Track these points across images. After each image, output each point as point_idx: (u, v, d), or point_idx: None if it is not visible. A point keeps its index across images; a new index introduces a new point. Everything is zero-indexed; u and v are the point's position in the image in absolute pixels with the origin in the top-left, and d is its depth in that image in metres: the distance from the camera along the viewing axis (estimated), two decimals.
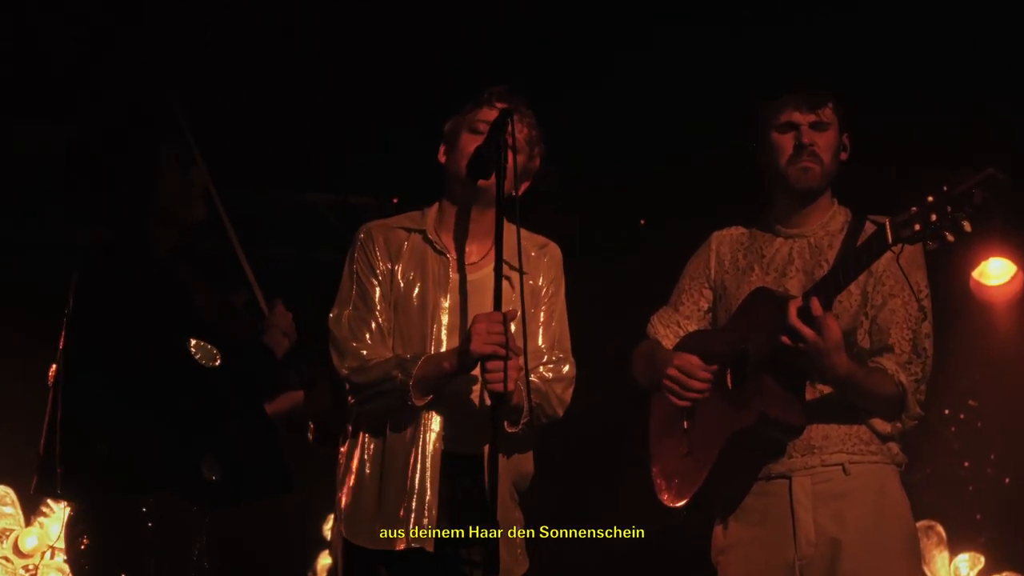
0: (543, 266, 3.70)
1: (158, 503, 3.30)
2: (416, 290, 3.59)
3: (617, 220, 6.59)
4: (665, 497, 3.73)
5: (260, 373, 3.55)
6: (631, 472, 4.22)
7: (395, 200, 6.46)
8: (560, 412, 3.62)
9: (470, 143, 3.54)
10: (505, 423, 3.45)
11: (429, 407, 3.50)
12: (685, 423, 3.71)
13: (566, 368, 3.65)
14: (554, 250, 3.75)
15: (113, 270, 3.45)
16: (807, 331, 3.33)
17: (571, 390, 3.65)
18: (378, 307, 3.58)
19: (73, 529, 3.34)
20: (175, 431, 3.33)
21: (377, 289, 3.60)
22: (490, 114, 3.55)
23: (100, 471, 3.30)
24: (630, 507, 4.00)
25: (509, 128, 3.41)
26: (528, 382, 3.39)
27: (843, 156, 3.72)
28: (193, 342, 3.37)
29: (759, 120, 3.72)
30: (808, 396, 3.53)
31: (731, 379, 3.61)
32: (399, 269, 3.61)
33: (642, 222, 6.64)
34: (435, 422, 3.51)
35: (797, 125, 3.65)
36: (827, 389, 3.55)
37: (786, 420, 3.47)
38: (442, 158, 3.70)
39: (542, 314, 3.67)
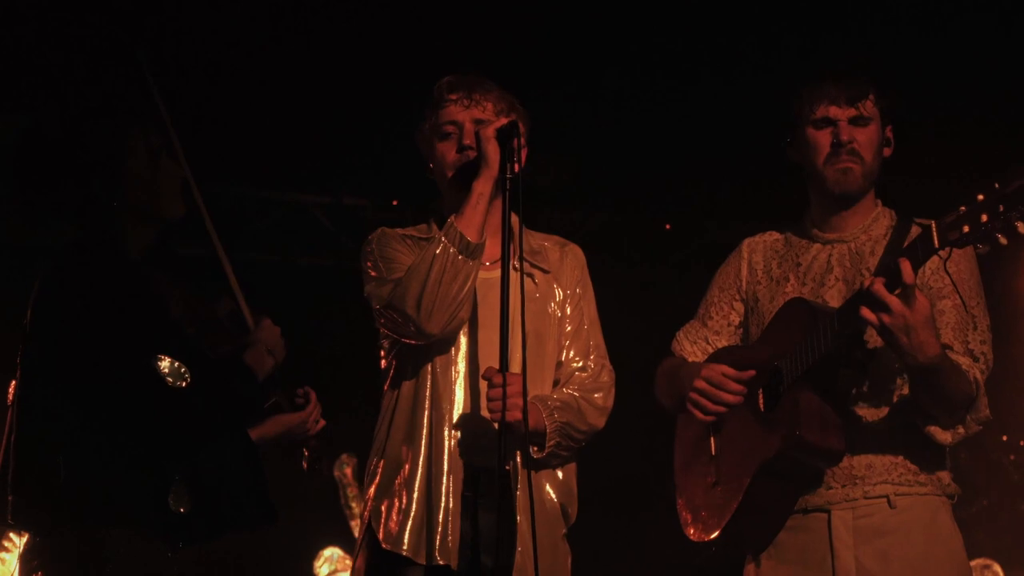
0: (567, 266, 3.83)
1: (121, 537, 3.24)
2: None
3: (642, 224, 6.60)
4: (692, 532, 3.72)
5: (238, 395, 3.48)
6: (654, 504, 4.23)
7: (395, 203, 6.48)
8: (600, 423, 3.74)
9: (447, 151, 3.70)
10: (532, 448, 3.60)
11: (455, 424, 3.60)
12: (713, 449, 3.70)
13: (604, 375, 3.78)
14: (576, 250, 3.88)
15: (78, 275, 3.38)
16: (894, 300, 3.22)
17: (612, 396, 3.77)
18: None
19: (27, 563, 3.28)
20: (141, 458, 3.27)
21: None
22: (449, 112, 3.70)
23: (56, 500, 3.24)
24: (653, 543, 4.00)
25: (515, 143, 3.51)
26: (525, 404, 3.46)
27: (887, 152, 3.69)
28: (164, 359, 3.32)
29: (793, 114, 3.70)
30: (849, 420, 3.49)
31: (763, 400, 3.59)
32: None
33: (667, 227, 6.65)
34: (459, 433, 3.61)
35: (835, 121, 3.62)
36: (871, 414, 3.52)
37: (823, 444, 3.44)
38: (430, 173, 3.82)
39: (569, 323, 3.78)
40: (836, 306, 3.51)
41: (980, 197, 3.09)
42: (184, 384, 3.30)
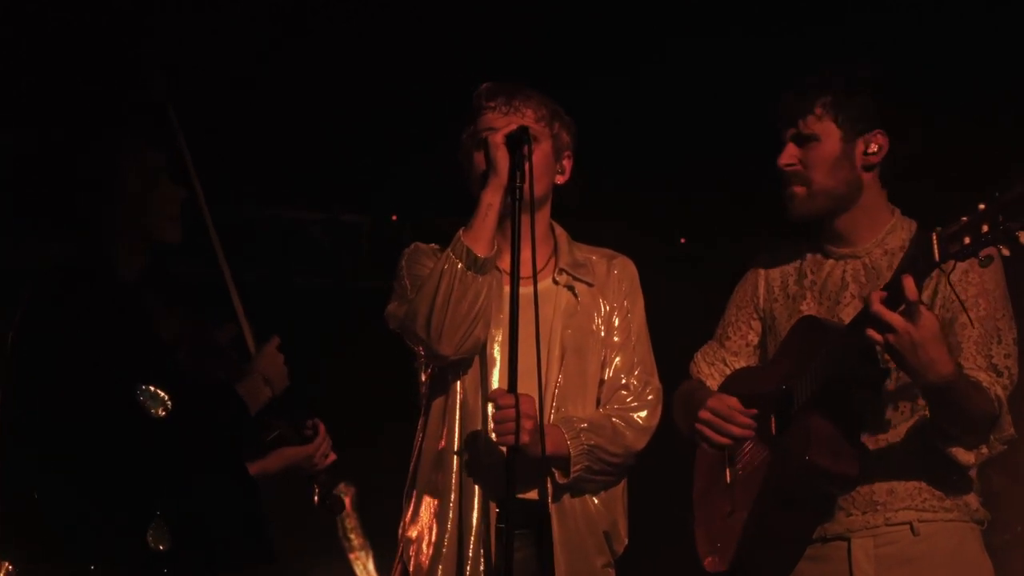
0: (614, 280, 3.86)
1: (103, 573, 3.25)
2: None
3: (655, 237, 6.61)
4: (708, 563, 3.74)
5: (226, 427, 3.47)
6: (671, 534, 4.24)
7: (394, 217, 6.51)
8: (640, 443, 3.76)
9: (483, 160, 3.68)
10: (557, 473, 3.63)
11: (486, 452, 3.62)
12: (728, 477, 3.73)
13: (649, 392, 3.80)
14: (625, 262, 3.91)
15: (63, 298, 3.39)
16: (896, 318, 3.23)
17: (657, 414, 3.80)
18: None
19: None
20: (120, 490, 3.28)
21: None
22: (487, 119, 3.73)
23: (36, 532, 3.27)
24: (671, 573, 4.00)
25: (525, 150, 3.56)
26: (542, 428, 3.48)
27: (872, 159, 3.63)
28: (147, 388, 3.30)
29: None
30: (867, 443, 3.52)
31: (775, 424, 3.61)
32: None
33: (682, 240, 6.67)
34: (491, 461, 3.62)
35: (783, 140, 3.66)
36: (890, 436, 3.54)
37: (835, 469, 3.45)
38: (470, 186, 3.82)
39: (616, 336, 3.81)
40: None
41: (981, 207, 3.09)
42: (165, 413, 3.30)
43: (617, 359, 3.81)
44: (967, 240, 3.11)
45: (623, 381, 3.80)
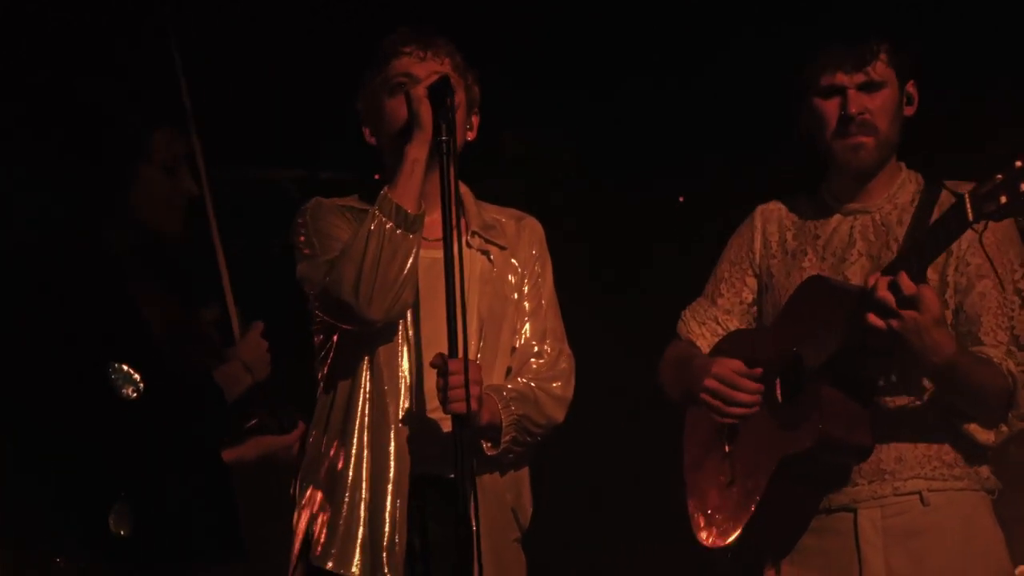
0: (524, 242, 3.80)
1: (73, 560, 3.24)
2: None
3: (651, 198, 6.60)
4: (704, 536, 3.72)
5: (199, 413, 3.45)
6: (659, 506, 4.23)
7: (376, 176, 6.47)
8: (559, 415, 3.71)
9: (397, 107, 3.60)
10: (485, 445, 3.56)
11: (401, 425, 3.55)
12: (726, 446, 3.69)
13: (562, 361, 3.75)
14: (534, 223, 3.85)
15: (38, 270, 3.39)
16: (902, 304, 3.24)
17: (572, 385, 3.74)
18: None
19: None
20: (83, 473, 3.26)
21: None
22: (403, 63, 3.65)
23: (9, 517, 3.27)
24: (659, 550, 4.00)
25: (448, 102, 3.46)
26: (468, 395, 3.34)
27: (908, 111, 3.66)
28: (118, 367, 3.29)
29: (800, 80, 3.66)
30: (876, 409, 3.49)
31: (781, 391, 3.58)
32: None
33: (681, 199, 6.65)
34: (406, 434, 3.56)
35: (842, 88, 3.58)
36: (899, 402, 3.52)
37: (851, 440, 3.44)
38: (371, 139, 3.77)
39: (527, 302, 3.76)
40: (858, 284, 3.49)
41: (1018, 164, 3.07)
42: (136, 395, 3.29)
43: (528, 326, 3.75)
44: (1004, 199, 3.10)
45: (535, 349, 3.74)
